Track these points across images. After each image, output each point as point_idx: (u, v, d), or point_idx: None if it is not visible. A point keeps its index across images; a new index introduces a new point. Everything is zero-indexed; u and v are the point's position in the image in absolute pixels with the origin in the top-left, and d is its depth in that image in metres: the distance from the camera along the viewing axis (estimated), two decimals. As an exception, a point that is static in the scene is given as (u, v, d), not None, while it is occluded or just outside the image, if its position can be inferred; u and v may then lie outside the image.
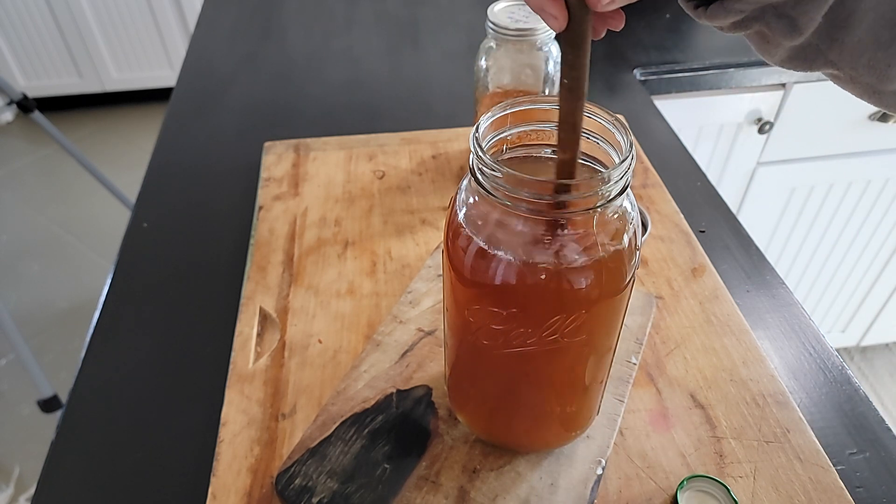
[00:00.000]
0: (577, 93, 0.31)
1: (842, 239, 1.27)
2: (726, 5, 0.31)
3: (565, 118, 0.31)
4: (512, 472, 0.42)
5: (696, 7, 0.33)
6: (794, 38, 0.32)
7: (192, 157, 0.77)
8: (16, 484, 1.43)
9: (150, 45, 2.36)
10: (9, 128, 2.51)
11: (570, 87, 0.31)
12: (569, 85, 0.30)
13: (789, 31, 0.32)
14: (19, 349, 1.31)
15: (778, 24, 0.32)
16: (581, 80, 0.30)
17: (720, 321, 0.53)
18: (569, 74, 0.30)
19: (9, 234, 2.05)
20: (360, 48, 0.98)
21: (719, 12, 0.32)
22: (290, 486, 0.41)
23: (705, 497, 0.41)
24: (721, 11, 0.31)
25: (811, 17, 0.31)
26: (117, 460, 0.47)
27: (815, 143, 1.09)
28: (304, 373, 0.50)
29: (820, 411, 0.49)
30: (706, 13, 0.32)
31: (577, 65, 0.30)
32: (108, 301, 0.59)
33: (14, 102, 1.51)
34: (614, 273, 0.33)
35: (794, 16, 0.31)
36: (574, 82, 0.30)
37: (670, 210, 0.65)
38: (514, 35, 0.56)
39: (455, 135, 0.76)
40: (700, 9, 0.33)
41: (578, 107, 0.31)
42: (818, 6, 0.30)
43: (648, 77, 0.93)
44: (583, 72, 0.30)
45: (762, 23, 0.32)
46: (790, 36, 0.32)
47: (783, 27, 0.32)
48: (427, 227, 0.63)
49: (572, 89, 0.31)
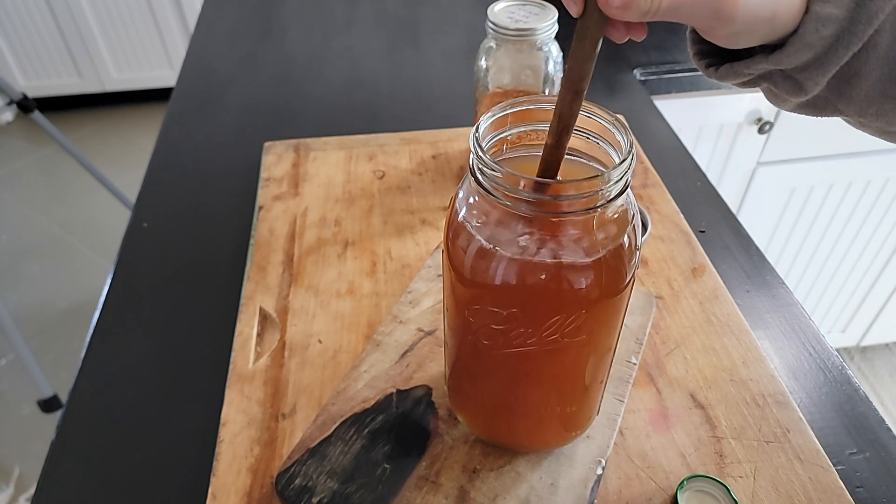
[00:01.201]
0: (572, 85, 0.30)
1: (842, 239, 1.27)
2: (735, 69, 0.33)
3: (557, 106, 0.31)
4: (512, 472, 0.42)
5: (708, 67, 0.35)
6: (800, 97, 0.33)
7: (192, 157, 0.77)
8: (16, 484, 1.43)
9: (150, 45, 2.36)
10: (9, 128, 2.51)
11: (567, 77, 0.30)
12: (567, 74, 0.30)
13: (796, 92, 0.33)
14: (19, 349, 1.31)
15: (784, 85, 0.33)
16: (577, 72, 0.30)
17: (720, 321, 0.53)
18: (569, 63, 0.30)
19: (9, 234, 2.05)
20: (360, 48, 0.98)
21: (729, 74, 0.34)
22: (290, 486, 0.41)
23: (705, 497, 0.41)
24: (731, 73, 0.33)
25: (816, 81, 0.32)
26: (117, 460, 0.47)
27: (815, 143, 1.09)
28: (304, 373, 0.50)
29: (820, 411, 0.49)
30: (717, 73, 0.34)
31: (576, 56, 0.30)
32: (108, 301, 0.59)
33: (14, 102, 1.50)
34: (614, 273, 0.33)
35: (800, 80, 0.32)
36: (570, 72, 0.30)
37: (670, 210, 0.65)
38: (514, 35, 0.56)
39: (455, 135, 0.76)
40: (711, 68, 0.34)
41: (569, 99, 0.31)
42: (823, 73, 0.31)
43: (648, 77, 0.93)
44: (581, 64, 0.30)
45: (770, 82, 0.34)
46: (797, 96, 0.33)
47: (790, 87, 0.33)
48: (427, 227, 0.63)
49: (568, 79, 0.30)
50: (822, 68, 0.31)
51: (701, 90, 0.97)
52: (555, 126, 0.32)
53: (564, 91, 0.31)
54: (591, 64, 0.30)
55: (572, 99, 0.31)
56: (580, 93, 0.31)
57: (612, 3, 0.28)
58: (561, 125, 0.31)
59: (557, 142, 0.32)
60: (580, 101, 0.31)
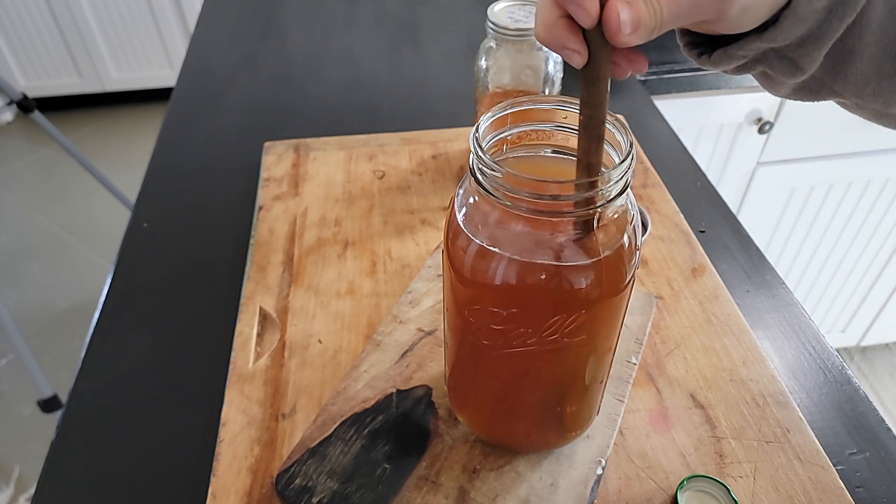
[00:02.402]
0: (593, 132, 0.30)
1: (842, 239, 1.27)
2: (729, 52, 0.32)
3: (581, 158, 0.30)
4: (512, 472, 0.42)
5: (700, 55, 0.34)
6: (796, 77, 0.33)
7: (192, 157, 0.77)
8: (16, 484, 1.43)
9: (150, 45, 2.36)
10: (9, 128, 2.51)
11: (585, 126, 0.30)
12: (584, 123, 0.30)
13: (792, 72, 0.32)
14: (19, 349, 1.31)
15: (780, 66, 0.32)
16: (597, 118, 0.29)
17: (720, 321, 0.53)
18: (584, 111, 0.29)
19: (9, 234, 2.05)
20: (360, 48, 0.98)
21: (722, 59, 0.32)
22: (290, 486, 0.41)
23: (705, 497, 0.41)
24: (724, 58, 0.32)
25: (812, 58, 0.31)
26: (117, 460, 0.47)
27: (815, 143, 1.09)
28: (304, 373, 0.50)
29: (820, 411, 0.49)
30: (710, 60, 0.33)
31: (593, 102, 0.29)
32: (108, 301, 0.59)
33: (14, 102, 1.51)
34: (614, 273, 0.33)
35: (795, 58, 0.31)
36: (588, 120, 0.29)
37: (670, 210, 0.65)
38: (514, 35, 0.56)
39: (455, 135, 0.76)
40: (704, 56, 0.33)
41: (594, 147, 0.30)
42: (819, 47, 0.30)
43: (648, 77, 0.93)
44: (600, 110, 0.29)
45: (765, 65, 0.33)
46: (793, 76, 0.33)
47: (785, 68, 0.32)
48: (427, 227, 0.63)
49: (587, 128, 0.30)
50: (817, 42, 0.30)
51: (701, 90, 0.97)
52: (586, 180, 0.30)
53: (587, 141, 0.30)
54: (607, 104, 0.29)
55: (597, 146, 0.30)
56: (601, 137, 0.30)
57: (624, 32, 0.27)
58: (591, 175, 0.30)
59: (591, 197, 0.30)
60: (601, 144, 0.30)
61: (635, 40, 0.28)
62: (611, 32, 0.27)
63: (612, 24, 0.27)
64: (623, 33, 0.27)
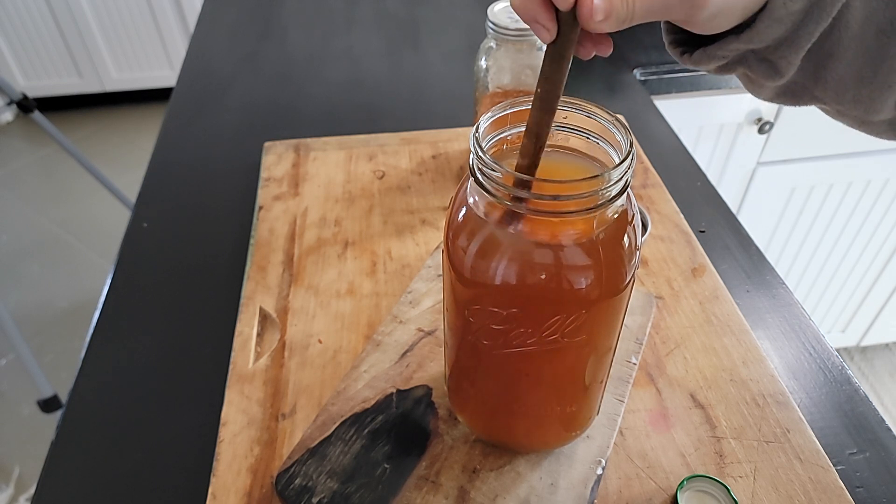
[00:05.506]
0: (547, 105, 0.31)
1: (842, 239, 1.27)
2: (709, 52, 0.33)
3: (531, 127, 0.31)
4: (512, 472, 0.42)
5: (682, 53, 0.35)
6: (776, 80, 0.33)
7: (192, 157, 0.77)
8: (16, 484, 1.43)
9: (150, 45, 2.36)
10: (9, 128, 2.51)
11: (542, 98, 0.30)
12: (541, 96, 0.30)
13: (771, 74, 0.33)
14: (19, 349, 1.31)
15: (760, 68, 0.33)
16: (554, 93, 0.30)
17: (720, 321, 0.53)
18: (543, 86, 0.30)
19: (9, 234, 2.05)
20: (360, 48, 0.98)
21: (703, 58, 0.33)
22: (290, 486, 0.41)
23: (705, 497, 0.41)
24: (704, 57, 0.33)
25: (790, 60, 0.32)
26: (117, 460, 0.47)
27: (815, 143, 1.09)
28: (304, 373, 0.50)
29: (820, 411, 0.49)
30: (691, 59, 0.34)
31: (554, 79, 0.30)
32: (108, 301, 0.59)
33: (14, 102, 1.51)
34: (614, 273, 0.33)
35: (773, 60, 0.32)
36: (546, 94, 0.30)
37: (670, 210, 0.65)
38: (514, 35, 0.56)
39: (455, 135, 0.76)
40: (686, 55, 0.34)
41: (546, 120, 0.31)
42: (796, 50, 0.31)
43: (648, 77, 0.93)
44: (558, 86, 0.30)
45: (745, 66, 0.34)
46: (772, 78, 0.33)
47: (764, 70, 0.33)
48: (427, 227, 0.63)
49: (544, 100, 0.31)
50: (793, 45, 0.31)
51: (701, 90, 0.97)
52: (530, 148, 0.31)
53: (540, 112, 0.31)
54: (564, 82, 0.30)
55: (548, 119, 0.31)
56: (554, 111, 0.31)
57: (595, 18, 0.27)
58: (538, 145, 0.31)
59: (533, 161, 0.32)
60: (552, 117, 0.31)
61: (605, 28, 0.28)
62: (583, 17, 0.28)
63: (585, 10, 0.27)
64: (594, 19, 0.28)
